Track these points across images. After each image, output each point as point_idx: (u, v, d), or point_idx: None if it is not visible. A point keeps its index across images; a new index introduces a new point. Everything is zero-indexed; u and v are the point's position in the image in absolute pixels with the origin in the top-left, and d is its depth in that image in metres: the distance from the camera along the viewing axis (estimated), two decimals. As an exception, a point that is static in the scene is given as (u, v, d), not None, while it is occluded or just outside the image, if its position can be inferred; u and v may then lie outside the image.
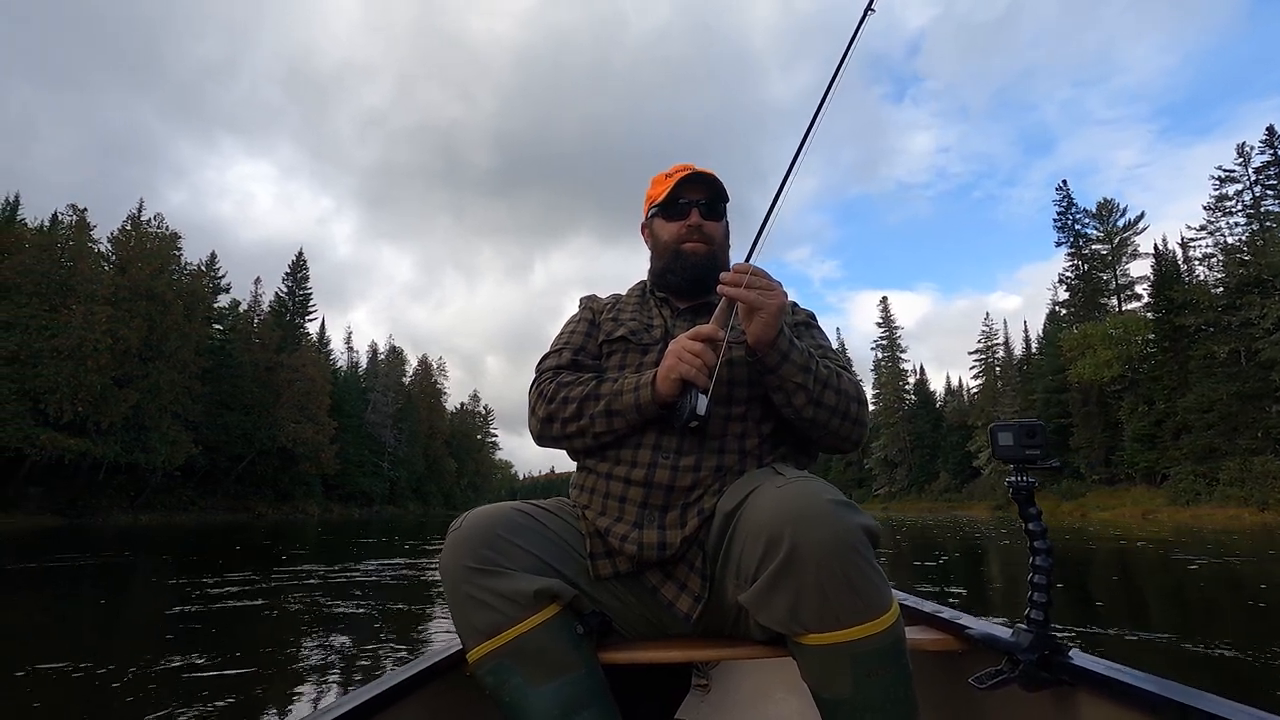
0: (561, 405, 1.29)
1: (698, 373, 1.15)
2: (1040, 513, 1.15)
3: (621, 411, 1.23)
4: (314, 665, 3.96)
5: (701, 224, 1.39)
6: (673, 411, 1.19)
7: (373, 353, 70.12)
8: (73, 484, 32.33)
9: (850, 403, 1.25)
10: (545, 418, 1.31)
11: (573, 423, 1.27)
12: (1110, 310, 45.46)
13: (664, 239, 1.43)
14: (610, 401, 1.24)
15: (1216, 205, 37.26)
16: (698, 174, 1.41)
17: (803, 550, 0.96)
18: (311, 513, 47.03)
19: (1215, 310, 34.36)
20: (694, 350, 1.16)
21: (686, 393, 1.17)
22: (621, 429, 1.25)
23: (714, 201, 1.42)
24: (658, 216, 1.44)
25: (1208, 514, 29.40)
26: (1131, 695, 0.98)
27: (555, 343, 1.45)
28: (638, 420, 1.23)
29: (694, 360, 1.15)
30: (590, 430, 1.26)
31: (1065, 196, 48.50)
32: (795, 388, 1.20)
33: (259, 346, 45.81)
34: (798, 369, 1.19)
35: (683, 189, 1.40)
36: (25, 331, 29.25)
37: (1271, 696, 3.32)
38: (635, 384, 1.23)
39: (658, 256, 1.45)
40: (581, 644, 1.13)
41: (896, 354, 70.22)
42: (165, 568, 9.90)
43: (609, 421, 1.24)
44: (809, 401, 1.21)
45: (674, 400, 1.19)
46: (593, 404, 1.26)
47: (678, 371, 1.16)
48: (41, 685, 3.51)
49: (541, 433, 1.33)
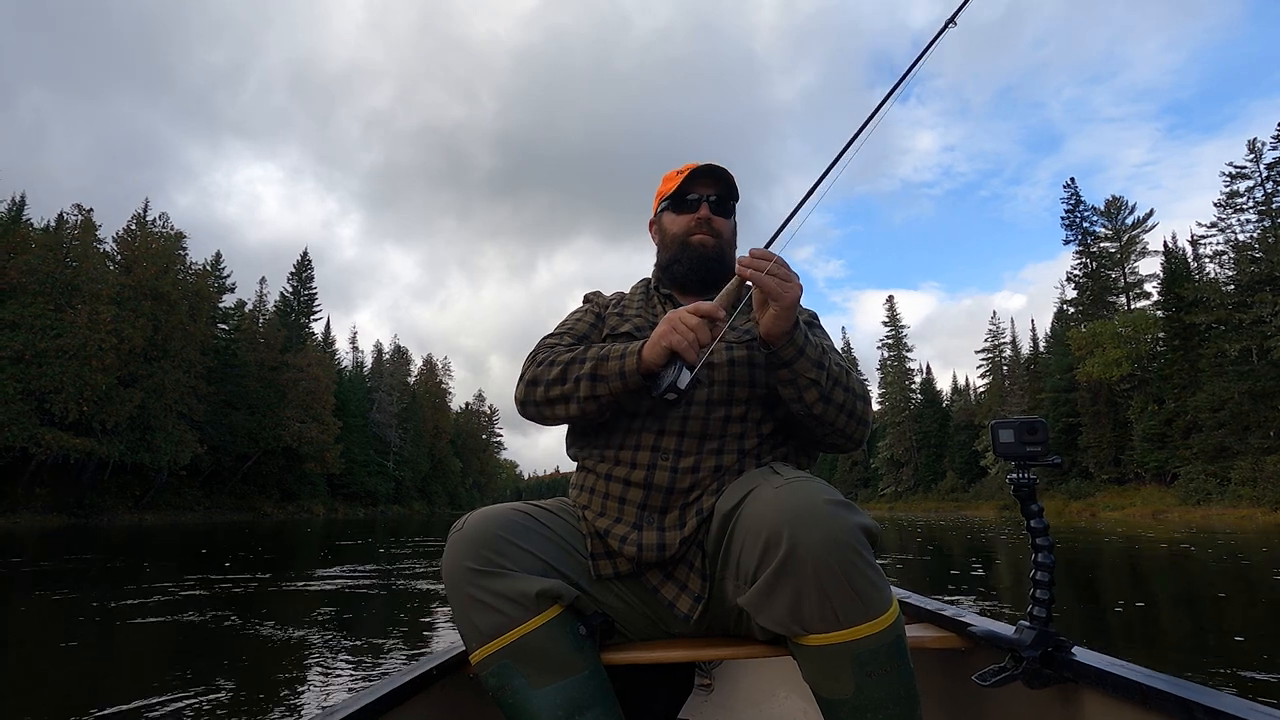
0: (547, 368, 1.27)
1: (689, 346, 1.11)
2: (1042, 510, 1.15)
3: (606, 377, 1.19)
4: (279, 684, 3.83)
5: (711, 218, 1.38)
6: (654, 381, 1.15)
7: (378, 352, 70.30)
8: (78, 484, 32.43)
9: (857, 401, 1.25)
10: (530, 380, 1.29)
11: (556, 385, 1.24)
12: (1119, 308, 45.09)
13: (672, 231, 1.41)
14: (596, 366, 1.21)
15: (1227, 202, 36.86)
16: (710, 168, 1.38)
17: (802, 550, 0.96)
18: (317, 512, 47.12)
19: (1226, 308, 34.03)
20: (690, 324, 1.12)
21: (672, 364, 1.13)
22: (605, 398, 1.21)
23: (725, 197, 1.40)
24: (667, 210, 1.43)
25: (1219, 514, 29.13)
26: (1135, 691, 0.97)
27: (558, 328, 1.43)
28: (621, 388, 1.19)
29: (688, 334, 1.11)
30: (575, 395, 1.22)
31: (1073, 194, 48.13)
32: (808, 383, 1.18)
33: (264, 346, 45.90)
34: (812, 364, 1.17)
35: (694, 183, 1.39)
36: (31, 331, 29.31)
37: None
38: (622, 350, 1.20)
39: (665, 249, 1.44)
40: (584, 645, 1.12)
41: (903, 353, 69.89)
42: (141, 570, 9.82)
43: (593, 386, 1.20)
44: (820, 398, 1.19)
45: (658, 370, 1.15)
46: (578, 367, 1.23)
47: (668, 340, 1.13)
48: (32, 693, 3.45)
49: (525, 397, 1.30)
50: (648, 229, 1.52)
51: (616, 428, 1.28)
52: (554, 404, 1.26)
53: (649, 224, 1.51)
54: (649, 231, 1.51)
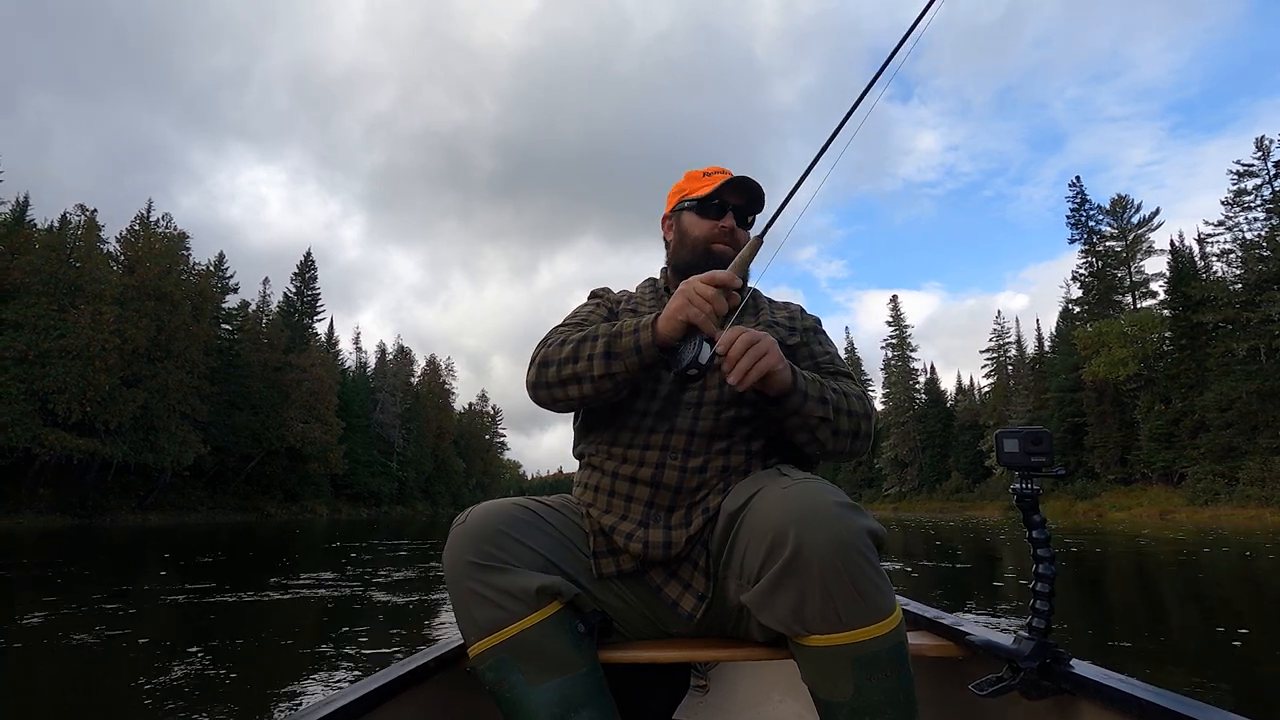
0: (558, 348, 1.23)
1: (706, 318, 1.07)
2: (1044, 520, 1.14)
3: (620, 354, 1.15)
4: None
5: (735, 229, 1.38)
6: (673, 357, 1.11)
7: (381, 353, 70.32)
8: (82, 484, 32.43)
9: (860, 420, 1.24)
10: (541, 361, 1.25)
11: (569, 365, 1.20)
12: (1125, 308, 44.84)
13: (695, 234, 1.40)
14: (609, 342, 1.17)
15: (1235, 200, 36.61)
16: (745, 181, 1.38)
17: (807, 551, 0.95)
18: (320, 513, 47.12)
19: (1234, 307, 33.82)
20: (706, 295, 1.08)
21: (691, 339, 1.09)
22: (621, 376, 1.17)
23: (750, 211, 1.40)
24: (692, 211, 1.41)
25: (1227, 514, 28.94)
26: (1132, 705, 0.96)
27: (568, 319, 1.41)
28: (637, 364, 1.15)
29: (704, 305, 1.08)
30: (589, 375, 1.18)
31: (1078, 193, 47.91)
32: (819, 422, 1.18)
33: (267, 346, 45.87)
34: (817, 403, 1.17)
35: (728, 192, 1.38)
36: (34, 331, 29.28)
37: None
38: (636, 325, 1.16)
39: (685, 249, 1.42)
40: (582, 643, 1.11)
41: (906, 352, 69.63)
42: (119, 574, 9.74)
43: (607, 364, 1.16)
44: (832, 433, 1.20)
45: (675, 345, 1.11)
46: (590, 345, 1.19)
47: (685, 314, 1.09)
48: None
49: (537, 379, 1.26)
50: (660, 224, 1.51)
51: (625, 425, 1.27)
52: (566, 384, 1.22)
53: (662, 218, 1.49)
54: (661, 225, 1.50)
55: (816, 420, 1.17)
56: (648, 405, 1.26)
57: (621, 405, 1.28)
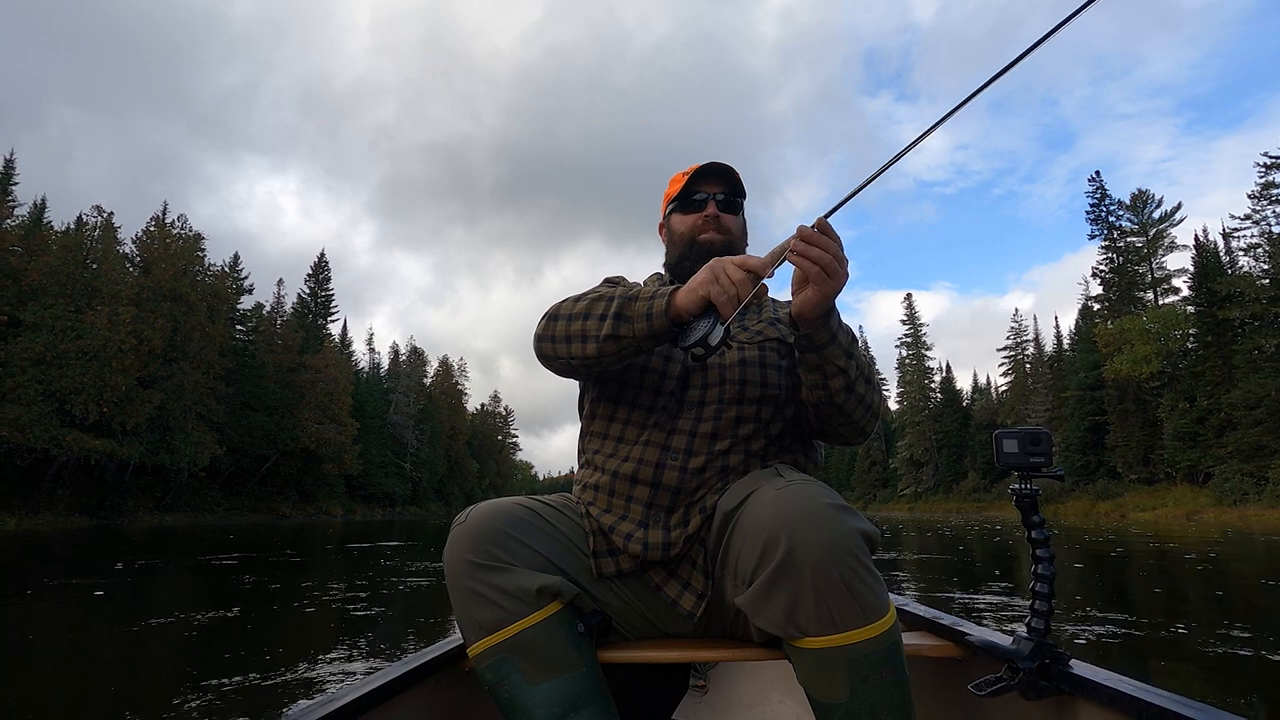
0: (571, 304, 1.21)
1: (728, 300, 1.03)
2: (1044, 521, 1.14)
3: (632, 318, 1.11)
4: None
5: (719, 215, 1.36)
6: (682, 332, 1.08)
7: (394, 354, 70.53)
8: (100, 485, 32.59)
9: (874, 395, 1.25)
10: (550, 315, 1.22)
11: (577, 321, 1.17)
12: (1147, 304, 44.09)
13: (680, 231, 1.40)
14: (622, 305, 1.13)
15: (1262, 193, 35.85)
16: (715, 166, 1.37)
17: (800, 553, 0.96)
18: (335, 514, 47.22)
19: (1262, 302, 33.13)
20: (735, 278, 1.03)
21: (705, 316, 1.06)
22: (627, 341, 1.13)
23: (731, 195, 1.39)
24: (675, 211, 1.41)
25: (1256, 515, 28.30)
26: (1131, 706, 0.97)
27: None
28: (646, 331, 1.11)
29: (729, 287, 1.03)
30: (595, 335, 1.14)
31: (1098, 188, 47.17)
32: (836, 371, 1.17)
33: (282, 348, 46.03)
34: (842, 352, 1.16)
35: (700, 181, 1.38)
36: (51, 333, 29.46)
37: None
38: (654, 292, 1.12)
39: (674, 248, 1.42)
40: (582, 643, 1.11)
41: (921, 351, 68.97)
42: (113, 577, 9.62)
43: (615, 325, 1.12)
44: (844, 387, 1.18)
45: (687, 320, 1.08)
46: (602, 304, 1.16)
47: (707, 290, 1.05)
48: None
49: (543, 332, 1.22)
50: (657, 232, 1.51)
51: (627, 424, 1.27)
52: (570, 341, 1.18)
53: (659, 227, 1.50)
54: (659, 235, 1.50)
55: (835, 369, 1.16)
56: (650, 403, 1.26)
57: (623, 403, 1.28)
